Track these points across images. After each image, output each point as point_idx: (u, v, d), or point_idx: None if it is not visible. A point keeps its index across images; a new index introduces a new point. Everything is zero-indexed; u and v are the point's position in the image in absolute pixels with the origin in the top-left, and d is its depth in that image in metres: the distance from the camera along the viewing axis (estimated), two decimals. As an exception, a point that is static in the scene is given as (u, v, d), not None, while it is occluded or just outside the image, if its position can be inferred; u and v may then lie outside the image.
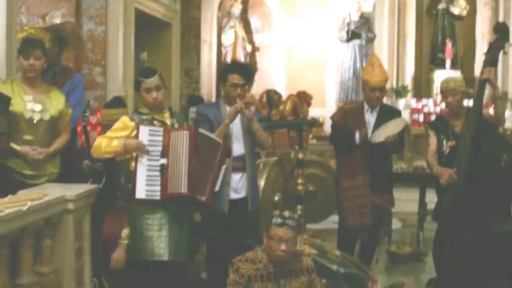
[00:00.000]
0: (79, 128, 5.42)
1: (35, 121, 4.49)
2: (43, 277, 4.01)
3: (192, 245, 4.44)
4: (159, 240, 4.09)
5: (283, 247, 3.54)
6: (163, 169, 4.02)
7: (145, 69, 4.41)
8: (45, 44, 4.59)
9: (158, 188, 4.02)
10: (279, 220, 3.57)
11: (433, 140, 4.98)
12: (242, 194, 4.87)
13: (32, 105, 4.47)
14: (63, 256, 4.19)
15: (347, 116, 5.38)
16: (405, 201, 7.86)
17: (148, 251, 4.08)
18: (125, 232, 4.19)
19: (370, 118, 5.32)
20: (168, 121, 4.30)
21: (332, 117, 5.66)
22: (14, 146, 4.42)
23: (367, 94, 5.33)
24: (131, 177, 4.54)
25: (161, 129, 4.11)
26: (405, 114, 10.07)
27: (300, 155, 6.32)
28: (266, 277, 3.61)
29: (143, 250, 4.10)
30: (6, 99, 4.35)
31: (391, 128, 5.09)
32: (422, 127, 7.65)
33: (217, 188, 4.28)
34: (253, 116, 4.70)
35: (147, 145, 4.05)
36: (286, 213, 3.60)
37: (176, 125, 4.29)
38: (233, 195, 4.83)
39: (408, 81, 11.03)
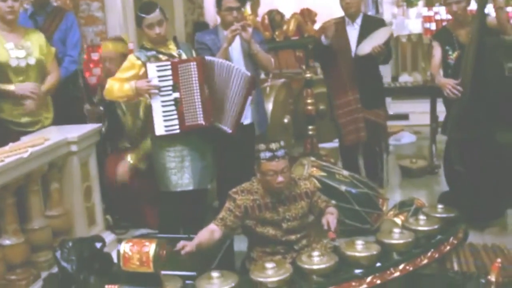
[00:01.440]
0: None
1: (23, 67, 4.41)
2: (54, 219, 4.10)
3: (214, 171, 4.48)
4: (182, 171, 4.20)
5: (280, 179, 3.48)
6: (177, 102, 4.07)
7: (145, 4, 4.32)
8: None
9: (176, 122, 4.08)
10: (267, 154, 3.46)
11: (437, 52, 4.84)
12: (248, 120, 4.83)
13: (16, 52, 4.39)
14: (72, 198, 4.27)
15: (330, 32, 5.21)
16: (420, 113, 7.80)
17: (173, 183, 4.20)
18: (130, 156, 4.38)
19: (353, 31, 5.18)
20: (174, 53, 4.29)
21: (316, 34, 5.52)
22: (6, 86, 4.35)
23: (341, 5, 5.18)
24: (139, 116, 4.55)
25: (168, 63, 4.11)
26: (417, 23, 9.85)
27: (308, 75, 6.25)
28: (264, 207, 3.57)
29: (168, 182, 4.21)
30: None
31: (376, 39, 4.94)
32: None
33: (241, 119, 4.30)
34: (250, 38, 4.61)
35: (158, 81, 4.06)
36: (273, 145, 3.47)
37: (183, 56, 4.30)
38: (240, 121, 4.81)
39: (419, -12, 10.68)
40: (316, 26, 7.51)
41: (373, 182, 5.03)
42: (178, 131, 4.10)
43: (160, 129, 4.10)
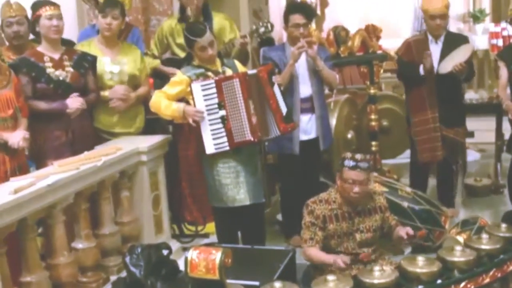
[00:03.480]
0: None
1: (116, 81, 4.62)
2: (123, 226, 4.28)
3: (267, 187, 4.55)
4: (238, 186, 4.23)
5: (356, 189, 3.60)
6: (224, 120, 4.11)
7: (194, 26, 4.36)
8: (125, 6, 4.68)
9: (225, 139, 4.13)
10: (351, 163, 3.61)
11: (503, 72, 4.81)
12: (312, 135, 4.92)
13: (111, 67, 4.61)
14: (141, 206, 4.45)
15: (412, 50, 5.23)
16: (485, 131, 7.68)
17: (230, 198, 4.24)
18: None
19: (435, 48, 5.15)
20: (220, 70, 4.32)
21: (396, 52, 5.54)
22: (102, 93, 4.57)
23: (429, 24, 5.17)
24: None
25: (212, 81, 4.13)
26: (484, 40, 9.72)
27: (372, 91, 6.28)
28: (340, 217, 3.70)
29: (225, 198, 4.26)
30: (93, 58, 4.49)
31: (458, 56, 4.93)
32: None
33: (283, 109, 4.24)
34: (316, 55, 4.69)
35: (203, 100, 4.11)
36: (358, 156, 3.62)
37: (227, 72, 4.31)
38: (303, 137, 4.89)
39: (486, 4, 10.55)
40: (381, 42, 7.52)
41: (443, 200, 5.01)
42: (227, 148, 4.13)
43: (210, 147, 4.14)
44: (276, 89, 4.23)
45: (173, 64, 5.04)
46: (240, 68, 4.45)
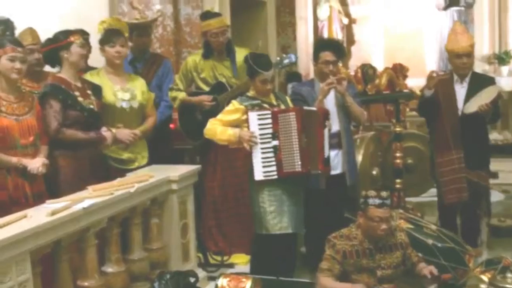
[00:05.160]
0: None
1: (127, 110, 4.69)
2: (152, 252, 4.35)
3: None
4: (282, 214, 4.35)
5: (384, 226, 3.66)
6: (276, 150, 4.26)
7: (263, 58, 4.50)
8: (124, 34, 4.73)
9: (274, 168, 4.28)
10: (377, 201, 3.66)
11: None
12: (338, 170, 4.96)
13: (122, 94, 4.68)
14: (170, 233, 4.52)
15: (437, 88, 5.23)
16: (509, 172, 7.70)
17: (273, 226, 4.35)
18: None
19: (460, 89, 5.16)
20: (274, 102, 4.49)
21: (421, 90, 5.57)
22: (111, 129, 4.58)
23: (454, 63, 5.18)
24: None
25: (269, 112, 4.31)
26: (509, 81, 9.76)
27: (398, 129, 6.33)
28: (361, 253, 3.74)
29: (268, 225, 4.37)
30: (98, 87, 4.54)
31: (484, 97, 4.94)
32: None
33: (326, 153, 4.39)
34: (345, 91, 4.77)
35: (258, 129, 4.25)
36: (384, 193, 3.69)
37: (281, 106, 4.48)
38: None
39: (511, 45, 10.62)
40: (408, 81, 7.62)
41: (466, 240, 5.01)
42: (275, 176, 4.28)
43: (259, 174, 4.29)
44: (326, 132, 4.39)
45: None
46: (290, 103, 4.62)
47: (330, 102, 4.88)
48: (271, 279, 3.99)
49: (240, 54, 5.24)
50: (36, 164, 3.91)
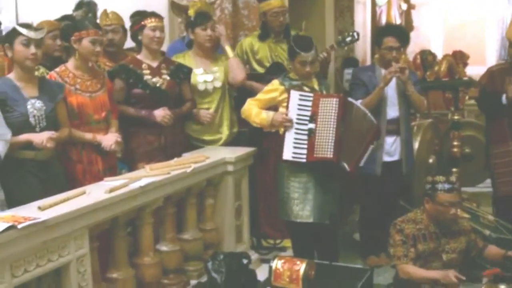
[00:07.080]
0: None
1: (209, 91, 4.81)
2: (206, 233, 4.39)
3: (341, 207, 4.54)
4: (304, 202, 4.23)
5: (453, 210, 3.67)
6: (311, 133, 4.13)
7: (303, 39, 4.40)
8: (213, 17, 4.83)
9: (305, 151, 4.13)
10: (446, 186, 3.66)
11: None
12: (395, 157, 4.92)
13: (204, 76, 4.78)
14: (224, 215, 4.54)
15: (495, 78, 5.13)
16: None
17: (294, 213, 4.25)
18: None
19: None
20: (316, 87, 4.38)
21: (479, 81, 5.45)
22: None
23: (509, 53, 5.09)
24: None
25: (311, 94, 4.20)
26: None
27: (456, 117, 6.21)
28: (428, 237, 3.75)
29: (289, 212, 4.27)
30: (189, 69, 4.68)
31: None
32: None
33: (361, 163, 4.25)
34: (407, 79, 4.69)
35: (297, 109, 4.17)
36: (453, 178, 3.71)
37: (324, 92, 4.37)
38: (386, 158, 4.89)
39: None
40: (468, 69, 7.47)
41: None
42: (304, 160, 4.13)
43: (288, 154, 4.16)
44: (370, 148, 4.24)
45: (252, 79, 5.15)
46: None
47: (391, 89, 4.82)
48: (324, 264, 3.97)
49: None
50: (109, 141, 4.01)
